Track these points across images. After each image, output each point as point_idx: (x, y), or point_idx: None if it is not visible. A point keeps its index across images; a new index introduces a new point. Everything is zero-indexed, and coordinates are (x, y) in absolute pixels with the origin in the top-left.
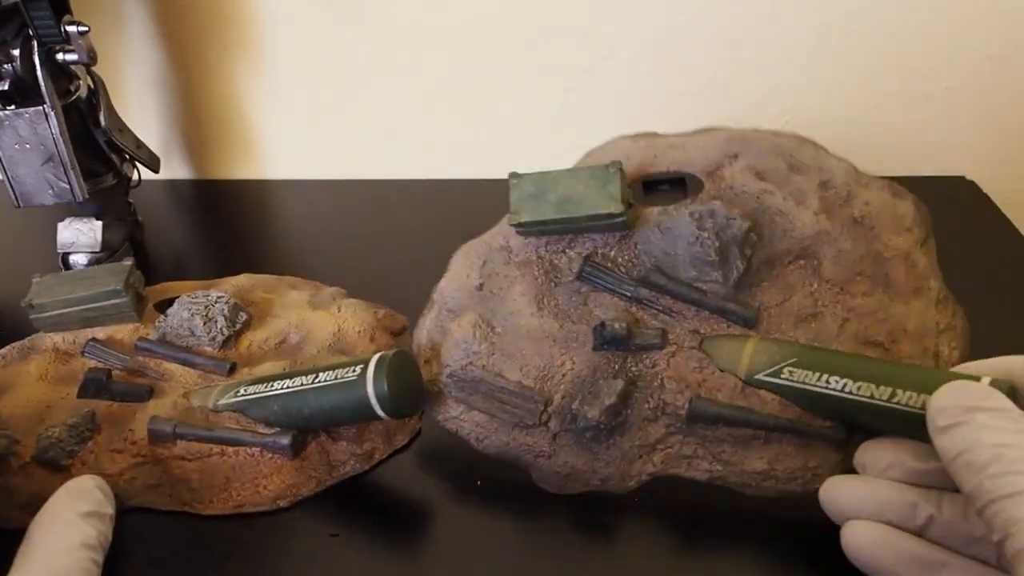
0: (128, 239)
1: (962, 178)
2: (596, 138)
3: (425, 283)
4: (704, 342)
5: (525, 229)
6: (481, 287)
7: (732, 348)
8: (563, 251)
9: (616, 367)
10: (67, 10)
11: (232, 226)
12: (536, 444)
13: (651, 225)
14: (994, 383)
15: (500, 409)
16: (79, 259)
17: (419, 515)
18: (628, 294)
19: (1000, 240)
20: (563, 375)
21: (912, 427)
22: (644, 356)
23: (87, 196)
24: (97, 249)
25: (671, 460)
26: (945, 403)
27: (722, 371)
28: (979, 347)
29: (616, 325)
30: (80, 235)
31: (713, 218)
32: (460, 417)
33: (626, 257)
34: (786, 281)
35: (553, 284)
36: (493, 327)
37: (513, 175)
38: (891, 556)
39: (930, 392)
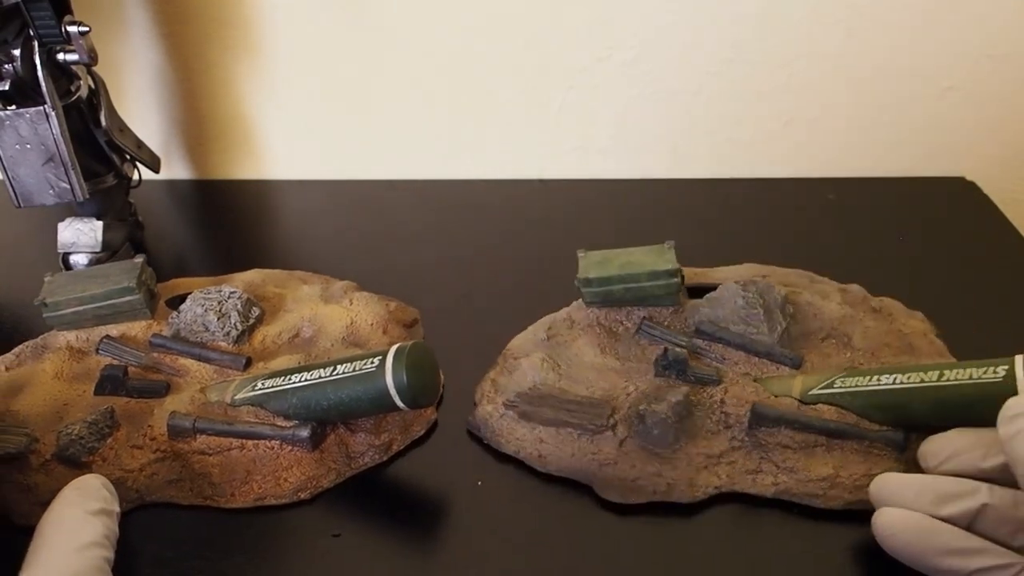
0: (129, 239)
1: (962, 178)
2: (596, 138)
3: (425, 283)
4: (756, 381)
5: (592, 288)
6: (548, 339)
7: (783, 384)
8: (621, 321)
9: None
10: (68, 10)
11: (232, 226)
12: (601, 452)
13: (700, 303)
14: None
15: (568, 415)
16: (80, 259)
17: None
18: (683, 344)
19: (1000, 240)
20: (628, 394)
21: (965, 402)
22: (702, 390)
23: (88, 196)
24: (98, 249)
25: (736, 475)
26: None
27: (777, 396)
28: (980, 348)
29: (678, 349)
30: (81, 235)
31: (756, 286)
32: (522, 438)
33: (679, 327)
34: (822, 352)
35: (614, 340)
36: (559, 364)
37: (580, 251)
38: (921, 541)
39: (976, 368)
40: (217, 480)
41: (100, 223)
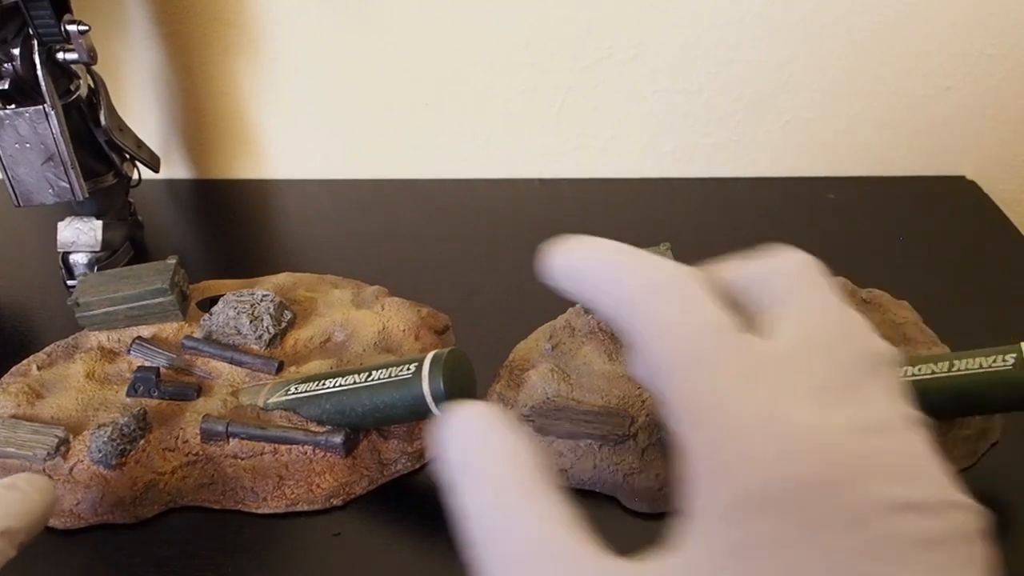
0: (128, 239)
1: (962, 178)
2: (596, 138)
3: (426, 283)
4: None
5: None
6: (552, 349)
7: None
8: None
9: None
10: (67, 9)
11: (232, 226)
12: (624, 462)
13: None
14: None
15: (587, 426)
16: (79, 258)
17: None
18: None
19: (1000, 240)
20: (643, 401)
21: (978, 391)
22: None
23: (87, 195)
24: (97, 248)
25: None
26: None
27: None
28: (980, 348)
29: None
30: (80, 234)
31: None
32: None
33: None
34: None
35: (619, 345)
36: (568, 375)
37: None
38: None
39: (985, 358)
40: (249, 484)
41: (100, 222)
